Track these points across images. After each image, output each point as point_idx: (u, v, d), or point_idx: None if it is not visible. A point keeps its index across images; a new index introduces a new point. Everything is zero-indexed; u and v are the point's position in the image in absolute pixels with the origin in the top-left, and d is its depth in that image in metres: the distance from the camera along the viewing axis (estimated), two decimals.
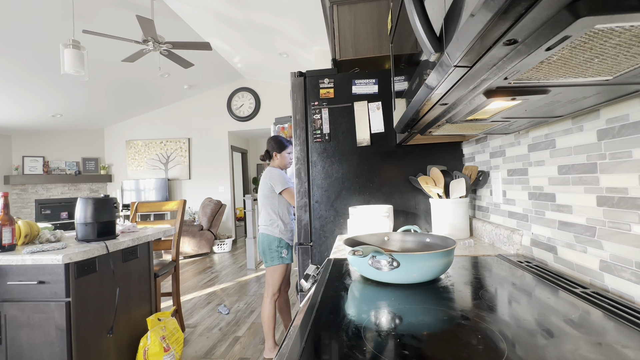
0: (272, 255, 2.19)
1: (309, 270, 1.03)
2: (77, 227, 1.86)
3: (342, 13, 1.82)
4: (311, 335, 0.58)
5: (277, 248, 2.19)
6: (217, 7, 3.66)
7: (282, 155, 2.34)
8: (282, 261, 2.19)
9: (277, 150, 2.33)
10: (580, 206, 0.84)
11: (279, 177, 2.21)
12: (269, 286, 2.22)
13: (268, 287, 2.22)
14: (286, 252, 2.21)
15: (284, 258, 2.20)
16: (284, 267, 2.21)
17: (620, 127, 0.71)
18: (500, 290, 0.77)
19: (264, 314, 2.23)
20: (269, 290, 2.22)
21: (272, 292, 2.22)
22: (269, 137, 2.40)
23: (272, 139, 2.38)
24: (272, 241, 2.20)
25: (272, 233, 2.20)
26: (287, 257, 2.22)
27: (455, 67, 0.51)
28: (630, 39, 0.39)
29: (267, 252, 2.20)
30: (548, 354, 0.49)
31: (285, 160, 2.35)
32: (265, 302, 2.22)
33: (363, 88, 1.75)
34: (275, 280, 2.20)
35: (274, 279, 2.20)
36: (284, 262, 2.20)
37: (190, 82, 6.03)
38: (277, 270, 2.20)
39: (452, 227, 1.42)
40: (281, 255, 2.19)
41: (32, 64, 4.16)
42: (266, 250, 2.21)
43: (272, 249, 2.19)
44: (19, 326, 1.60)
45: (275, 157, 2.35)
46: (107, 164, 6.97)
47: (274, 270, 2.20)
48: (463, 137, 1.49)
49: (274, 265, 2.19)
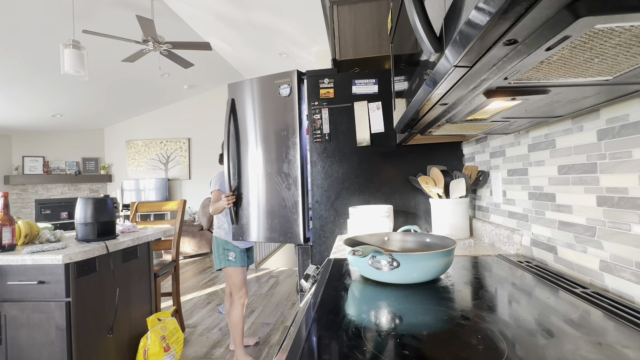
0: (219, 258, 2.14)
1: (309, 270, 1.03)
2: (77, 227, 1.86)
3: (342, 13, 1.82)
4: (311, 335, 0.58)
5: (224, 251, 2.13)
6: (217, 7, 3.66)
7: None
8: (229, 264, 2.12)
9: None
10: (580, 206, 0.84)
11: (216, 178, 2.17)
12: (231, 289, 2.17)
13: (232, 290, 2.16)
14: (234, 255, 2.13)
15: (231, 261, 2.12)
16: (234, 270, 2.13)
17: (620, 127, 0.71)
18: (500, 290, 0.77)
19: (230, 317, 2.17)
20: (233, 293, 2.16)
21: (237, 295, 2.15)
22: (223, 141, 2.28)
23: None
24: (219, 244, 2.15)
25: (219, 235, 2.16)
26: (236, 260, 2.13)
27: (455, 67, 0.51)
28: (630, 39, 0.39)
29: (216, 255, 2.16)
30: (548, 354, 0.49)
31: None
32: (233, 306, 2.16)
33: (363, 88, 1.75)
34: (233, 283, 2.14)
35: (231, 282, 2.14)
36: (231, 265, 2.12)
37: (190, 82, 6.03)
38: (229, 273, 2.14)
39: (452, 227, 1.42)
40: (228, 259, 2.12)
41: (32, 64, 4.16)
42: (214, 252, 2.17)
43: (219, 251, 2.14)
44: (19, 326, 1.60)
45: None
46: (107, 164, 6.97)
47: (227, 273, 2.15)
48: (463, 137, 1.49)
49: (225, 268, 2.14)
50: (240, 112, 1.92)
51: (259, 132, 1.86)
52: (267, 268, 4.72)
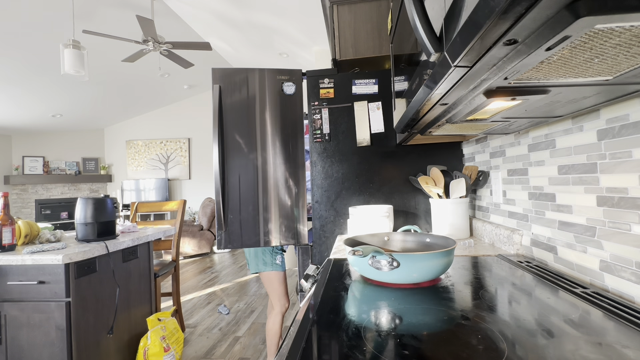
0: (264, 259, 1.88)
1: (309, 270, 1.03)
2: (77, 227, 1.86)
3: (342, 13, 1.82)
4: (311, 335, 0.58)
5: (272, 253, 1.89)
6: (217, 7, 3.66)
7: None
8: (275, 268, 1.88)
9: None
10: (580, 206, 0.84)
11: None
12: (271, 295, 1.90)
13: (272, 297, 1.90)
14: (280, 259, 1.91)
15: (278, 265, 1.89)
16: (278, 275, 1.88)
17: (620, 127, 0.71)
18: (500, 290, 0.77)
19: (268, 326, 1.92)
20: (274, 300, 1.89)
21: (279, 303, 1.89)
22: None
23: None
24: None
25: None
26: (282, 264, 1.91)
27: (455, 67, 0.51)
28: (630, 39, 0.39)
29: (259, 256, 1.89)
30: (548, 354, 0.49)
31: None
32: (273, 313, 1.90)
33: (363, 88, 1.75)
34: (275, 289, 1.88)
35: (273, 288, 1.88)
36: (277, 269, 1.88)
37: (190, 82, 6.03)
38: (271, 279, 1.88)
39: (452, 227, 1.42)
40: (275, 262, 1.88)
41: (32, 64, 4.16)
42: (255, 253, 1.89)
43: (265, 252, 1.88)
44: (19, 326, 1.60)
45: None
46: (107, 164, 6.97)
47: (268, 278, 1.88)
48: (463, 137, 1.49)
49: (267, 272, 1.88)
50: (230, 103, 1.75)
51: (258, 129, 1.76)
52: None
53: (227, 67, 1.82)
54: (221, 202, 1.71)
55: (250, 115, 1.77)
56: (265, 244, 1.75)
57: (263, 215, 1.76)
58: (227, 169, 1.75)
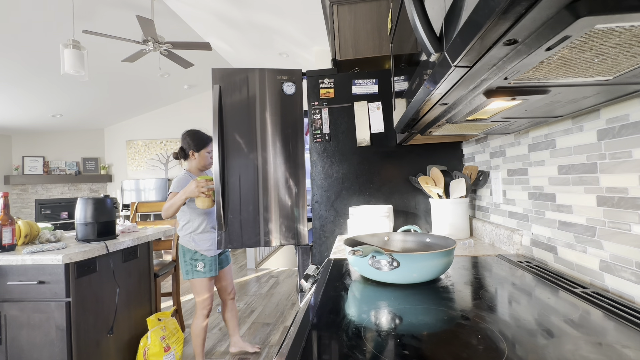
0: (186, 268, 1.95)
1: (309, 270, 1.03)
2: (77, 227, 1.86)
3: (342, 13, 1.82)
4: (311, 335, 0.58)
5: (192, 261, 1.94)
6: (217, 7, 3.66)
7: (201, 154, 2.00)
8: (197, 275, 1.94)
9: (195, 149, 1.99)
10: (580, 206, 0.84)
11: (177, 180, 1.95)
12: (195, 298, 1.99)
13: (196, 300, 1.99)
14: (202, 266, 1.94)
15: (199, 272, 1.94)
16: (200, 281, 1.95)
17: (620, 127, 0.71)
18: (500, 290, 0.77)
19: (192, 326, 2.03)
20: (197, 303, 1.98)
21: (200, 305, 1.97)
22: (184, 132, 2.02)
23: (188, 135, 2.00)
24: (185, 252, 1.96)
25: (186, 244, 1.96)
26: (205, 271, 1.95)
27: (455, 67, 0.51)
28: (630, 39, 0.39)
29: (182, 265, 1.97)
30: (548, 354, 0.49)
31: (205, 161, 2.01)
32: (195, 315, 2.00)
33: (363, 88, 1.75)
34: (197, 293, 1.96)
35: (195, 292, 1.97)
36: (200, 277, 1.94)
37: (190, 82, 6.03)
38: (194, 284, 1.96)
39: (452, 227, 1.42)
40: (196, 269, 1.94)
41: (32, 64, 4.16)
42: (180, 261, 1.98)
43: (185, 260, 1.95)
44: (19, 326, 1.60)
45: (193, 157, 2.00)
46: (107, 164, 6.96)
47: (192, 283, 1.97)
48: (463, 137, 1.49)
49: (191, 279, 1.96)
50: (230, 103, 1.76)
51: (258, 129, 1.76)
52: (267, 268, 4.72)
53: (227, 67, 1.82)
54: (221, 202, 1.71)
55: (251, 115, 1.77)
56: (265, 244, 1.76)
57: (263, 215, 1.76)
58: (227, 169, 1.74)
